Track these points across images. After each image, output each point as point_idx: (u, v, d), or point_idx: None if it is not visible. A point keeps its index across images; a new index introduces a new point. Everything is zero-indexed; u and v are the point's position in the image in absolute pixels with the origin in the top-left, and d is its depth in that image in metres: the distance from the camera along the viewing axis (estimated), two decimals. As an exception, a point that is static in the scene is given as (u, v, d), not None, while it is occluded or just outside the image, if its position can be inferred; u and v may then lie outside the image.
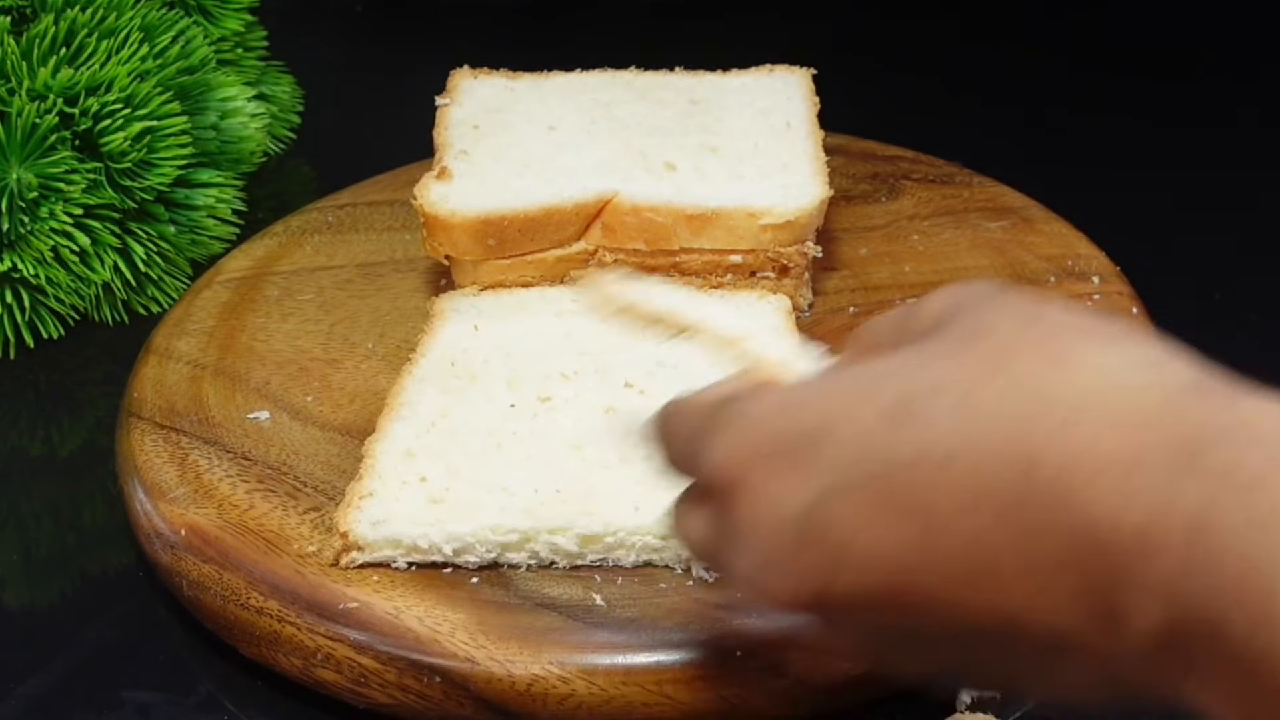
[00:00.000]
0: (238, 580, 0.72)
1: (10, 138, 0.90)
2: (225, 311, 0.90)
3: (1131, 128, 1.12)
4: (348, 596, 0.70)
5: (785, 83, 0.95)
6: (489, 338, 0.83)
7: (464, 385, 0.79)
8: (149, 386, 0.84)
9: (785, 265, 0.85)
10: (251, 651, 0.72)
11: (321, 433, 0.80)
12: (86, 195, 0.92)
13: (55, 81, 0.91)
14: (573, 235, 0.86)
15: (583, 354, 0.81)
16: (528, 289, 0.86)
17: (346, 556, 0.71)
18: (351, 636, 0.68)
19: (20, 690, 0.73)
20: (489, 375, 0.80)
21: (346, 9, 1.32)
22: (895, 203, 0.96)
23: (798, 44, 0.99)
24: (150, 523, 0.76)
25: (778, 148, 0.90)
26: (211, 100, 1.00)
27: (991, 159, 0.99)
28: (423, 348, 0.83)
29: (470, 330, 0.83)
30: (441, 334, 0.83)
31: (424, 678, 0.67)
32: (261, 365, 0.85)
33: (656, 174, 0.87)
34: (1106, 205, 0.99)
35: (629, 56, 0.98)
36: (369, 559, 0.71)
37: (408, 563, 0.71)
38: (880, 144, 1.02)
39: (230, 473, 0.78)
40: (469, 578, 0.70)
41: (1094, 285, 0.87)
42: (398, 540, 0.70)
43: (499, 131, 0.91)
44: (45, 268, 0.92)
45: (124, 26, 0.94)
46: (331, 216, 0.97)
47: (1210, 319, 0.82)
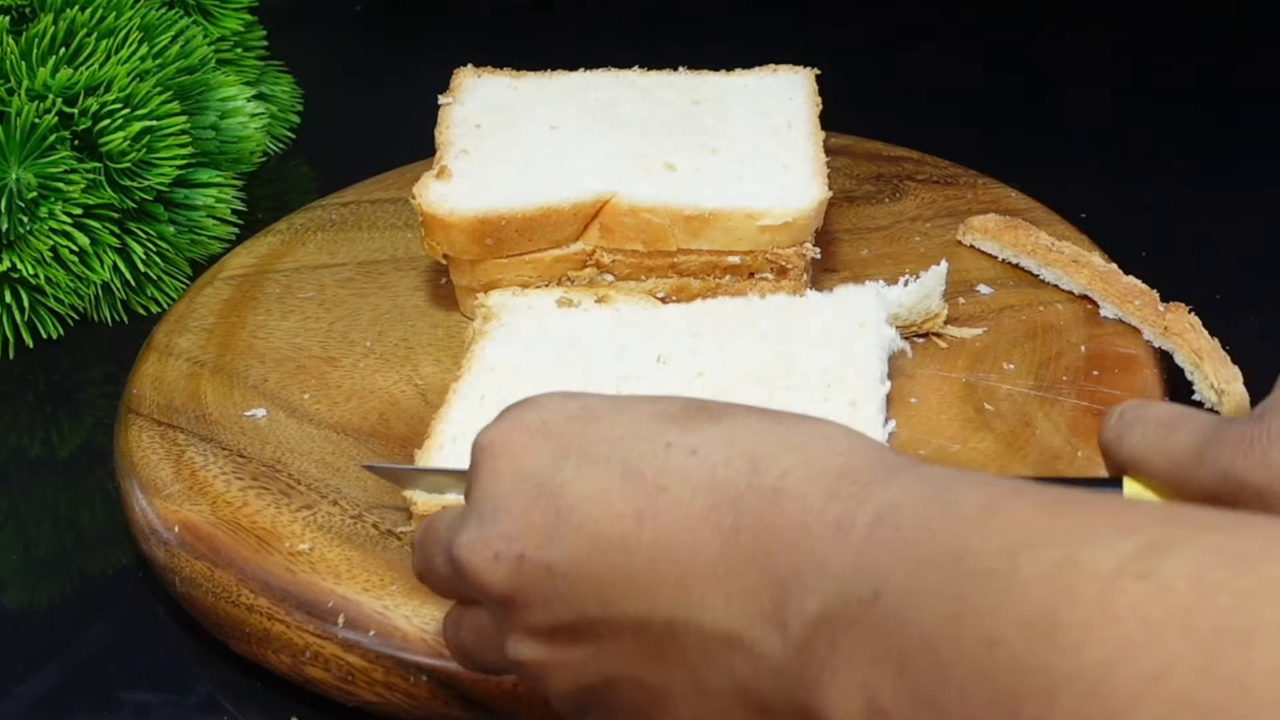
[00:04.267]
0: (229, 577, 0.72)
1: (9, 138, 0.90)
2: (226, 309, 0.90)
3: (1135, 130, 1.12)
4: (337, 595, 0.70)
5: (788, 83, 0.95)
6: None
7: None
8: (148, 383, 0.85)
9: (784, 266, 0.84)
10: (242, 648, 0.72)
11: (317, 430, 0.80)
12: (86, 195, 0.92)
13: (54, 81, 0.91)
14: (570, 236, 0.86)
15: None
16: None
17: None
18: (339, 635, 0.69)
19: (20, 690, 0.73)
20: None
21: (346, 9, 1.32)
22: (898, 204, 0.96)
23: (805, 44, 0.99)
24: (145, 519, 0.76)
25: (778, 148, 0.89)
26: (211, 100, 1.00)
27: (996, 160, 0.99)
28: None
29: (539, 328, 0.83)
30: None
31: (411, 677, 0.67)
32: (260, 363, 0.85)
33: (656, 175, 0.87)
34: (1109, 207, 0.98)
35: (633, 56, 0.98)
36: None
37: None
38: (885, 145, 1.02)
39: (225, 470, 0.78)
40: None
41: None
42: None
43: (501, 131, 0.91)
44: (44, 268, 0.92)
45: (123, 26, 0.94)
46: (335, 214, 0.97)
47: (1211, 319, 0.81)
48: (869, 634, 0.45)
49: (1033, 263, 0.87)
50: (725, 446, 0.51)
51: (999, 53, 1.23)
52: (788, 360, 0.77)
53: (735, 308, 0.82)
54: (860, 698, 0.45)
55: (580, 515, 0.51)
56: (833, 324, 0.79)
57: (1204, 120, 1.12)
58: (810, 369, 0.77)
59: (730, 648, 0.49)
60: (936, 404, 0.79)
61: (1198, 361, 0.79)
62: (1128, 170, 1.08)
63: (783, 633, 0.47)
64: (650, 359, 0.79)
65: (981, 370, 0.81)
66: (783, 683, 0.47)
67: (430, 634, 0.67)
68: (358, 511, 0.75)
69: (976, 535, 0.44)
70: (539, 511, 0.52)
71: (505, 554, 0.53)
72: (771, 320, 0.80)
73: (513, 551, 0.53)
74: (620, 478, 0.51)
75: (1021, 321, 0.84)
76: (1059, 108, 1.16)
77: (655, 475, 0.51)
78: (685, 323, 0.81)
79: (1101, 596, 0.40)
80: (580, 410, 0.55)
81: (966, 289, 0.86)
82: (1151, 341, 0.82)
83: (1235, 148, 1.09)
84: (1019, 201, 0.95)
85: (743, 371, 0.77)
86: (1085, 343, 0.82)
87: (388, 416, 0.81)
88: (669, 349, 0.79)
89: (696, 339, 0.80)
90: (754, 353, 0.78)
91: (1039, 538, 0.43)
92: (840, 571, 0.46)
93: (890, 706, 0.44)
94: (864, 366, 0.76)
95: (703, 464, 0.51)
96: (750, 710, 0.49)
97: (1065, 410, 0.78)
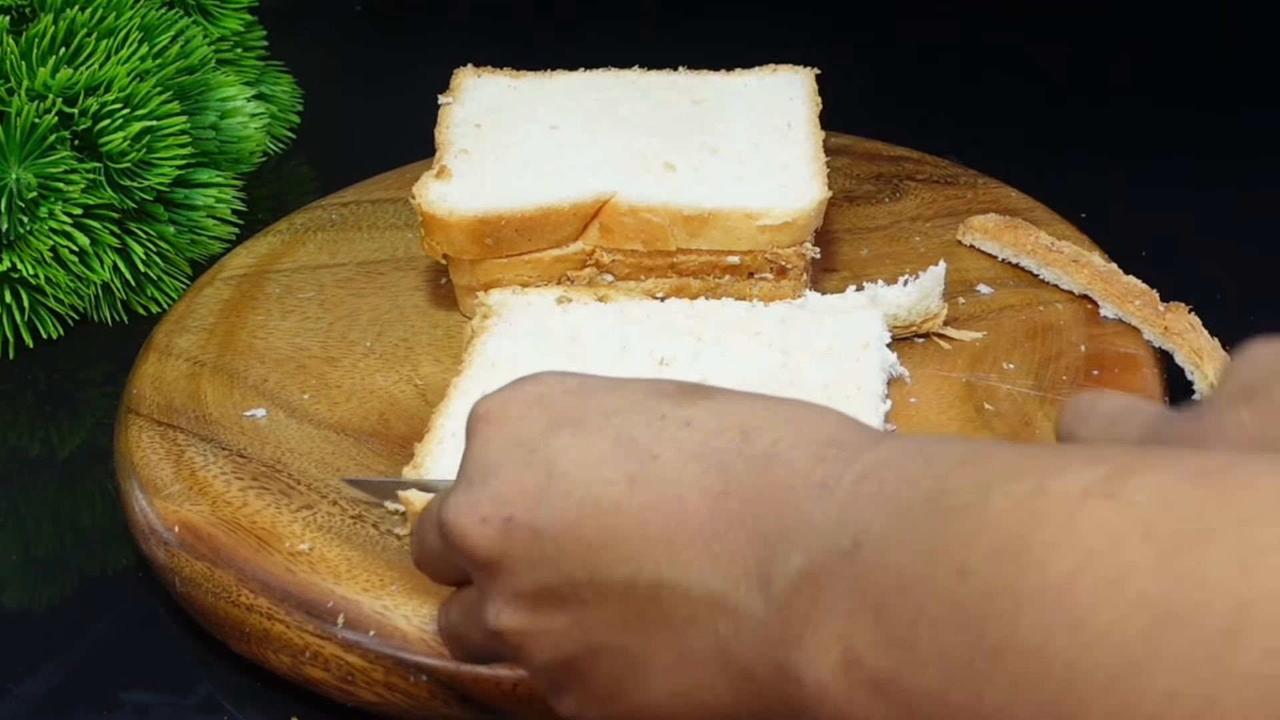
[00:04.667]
0: (228, 577, 0.72)
1: (9, 138, 0.90)
2: (226, 309, 0.90)
3: (1135, 129, 1.12)
4: (336, 595, 0.70)
5: (788, 83, 0.95)
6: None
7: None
8: (148, 383, 0.85)
9: (783, 266, 0.84)
10: (242, 648, 0.72)
11: (317, 430, 0.80)
12: (86, 195, 0.92)
13: (54, 81, 0.91)
14: (570, 236, 0.86)
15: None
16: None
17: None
18: (339, 635, 0.69)
19: (20, 690, 0.73)
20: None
21: (346, 9, 1.32)
22: (898, 203, 0.96)
23: (805, 44, 0.99)
24: (145, 519, 0.76)
25: (778, 148, 0.89)
26: (211, 100, 1.00)
27: (996, 160, 0.99)
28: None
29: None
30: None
31: (411, 676, 0.67)
32: (260, 363, 0.85)
33: (655, 175, 0.87)
34: (1109, 207, 0.98)
35: (633, 56, 0.98)
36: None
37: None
38: (886, 144, 1.02)
39: (225, 470, 0.78)
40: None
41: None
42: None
43: (501, 130, 0.91)
44: (44, 268, 0.92)
45: (123, 26, 0.94)
46: (335, 214, 0.97)
47: (1211, 319, 0.81)
48: (848, 585, 0.45)
49: (1033, 263, 0.87)
50: (719, 419, 0.52)
51: (999, 53, 1.23)
52: (790, 372, 0.78)
53: (738, 311, 0.82)
54: (836, 650, 0.45)
55: (571, 480, 0.52)
56: (837, 341, 0.79)
57: (1204, 120, 1.12)
58: (812, 381, 0.77)
59: (714, 610, 0.49)
60: (936, 404, 0.79)
61: (1198, 361, 0.79)
62: (1128, 170, 1.07)
63: (766, 591, 0.48)
64: (652, 360, 0.79)
65: (981, 370, 0.81)
66: (764, 642, 0.48)
67: (430, 634, 0.67)
68: (358, 511, 0.75)
69: (954, 476, 0.45)
70: (530, 476, 0.53)
71: (493, 517, 0.53)
72: (774, 329, 0.81)
73: (501, 514, 0.53)
74: (613, 445, 0.52)
75: (1021, 321, 0.84)
76: (1059, 108, 1.16)
77: (648, 444, 0.52)
78: (686, 321, 0.81)
79: (1068, 517, 0.41)
80: (578, 385, 0.55)
81: (966, 289, 0.86)
82: (1151, 341, 0.82)
83: (1235, 148, 1.09)
84: (1019, 201, 0.95)
85: (745, 378, 0.77)
86: (1085, 343, 0.82)
87: (388, 416, 0.81)
88: (671, 351, 0.79)
89: (699, 342, 0.80)
90: (755, 360, 0.79)
91: (1013, 472, 0.43)
92: (824, 527, 0.47)
93: (865, 655, 0.44)
94: (865, 383, 0.77)
95: (695, 434, 0.51)
96: (730, 675, 0.49)
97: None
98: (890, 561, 0.44)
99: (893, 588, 0.44)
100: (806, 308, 0.83)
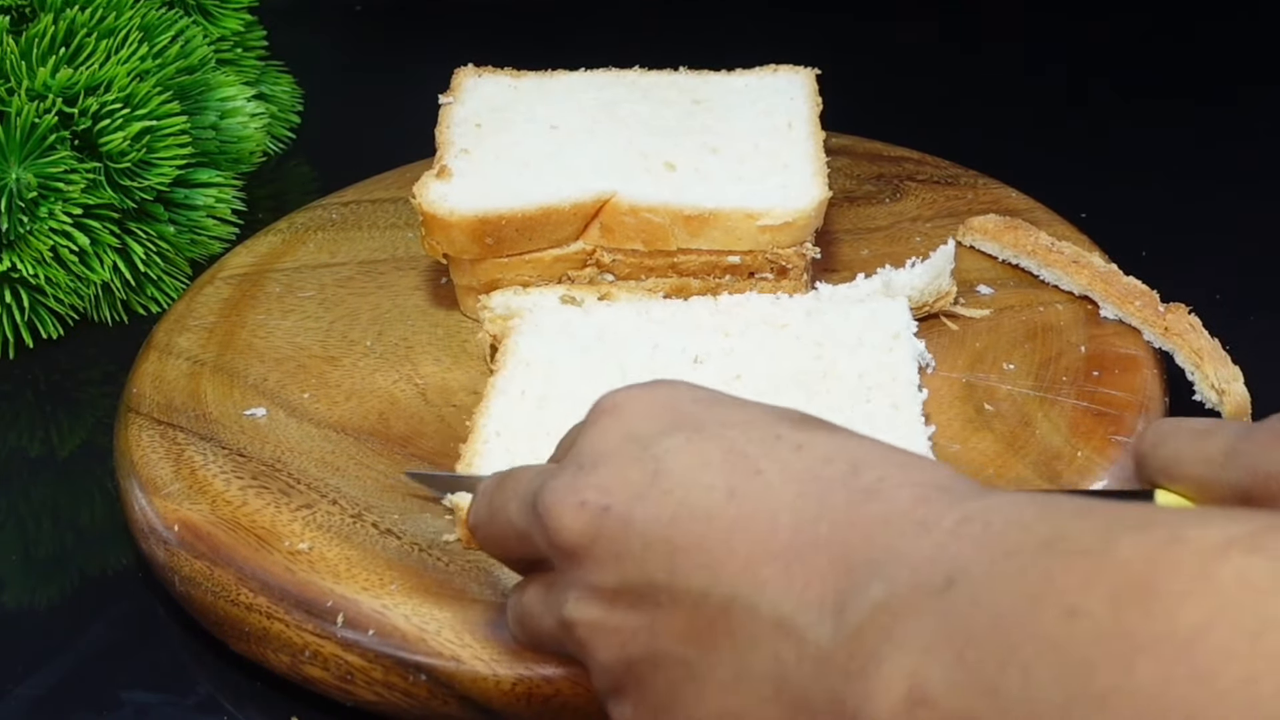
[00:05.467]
0: (228, 576, 0.72)
1: (9, 138, 0.90)
2: (226, 308, 0.90)
3: (1135, 130, 1.12)
4: (336, 594, 0.70)
5: (789, 83, 0.95)
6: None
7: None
8: (148, 382, 0.85)
9: (784, 266, 0.84)
10: (241, 647, 0.72)
11: (317, 430, 0.80)
12: (86, 195, 0.92)
13: (54, 81, 0.91)
14: (570, 235, 0.86)
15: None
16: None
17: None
18: (339, 634, 0.69)
19: (20, 690, 0.73)
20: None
21: (346, 8, 1.32)
22: (899, 204, 0.96)
23: (805, 44, 0.99)
24: (145, 518, 0.76)
25: (778, 148, 0.89)
26: (211, 100, 1.00)
27: (996, 160, 0.99)
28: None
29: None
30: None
31: (410, 676, 0.67)
32: (260, 362, 0.85)
33: (656, 174, 0.87)
34: (1109, 207, 0.98)
35: (633, 56, 0.98)
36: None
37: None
38: (886, 145, 1.02)
39: (225, 469, 0.78)
40: (456, 576, 0.70)
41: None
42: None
43: (501, 130, 0.91)
44: (44, 268, 0.92)
45: (123, 26, 0.94)
46: (336, 213, 0.97)
47: (1211, 319, 0.81)
48: (931, 621, 0.44)
49: (1033, 263, 0.87)
50: (832, 449, 0.52)
51: (999, 53, 1.23)
52: (825, 364, 0.78)
53: (762, 305, 0.82)
54: (903, 686, 0.44)
55: (674, 480, 0.52)
56: (866, 332, 0.80)
57: (1204, 120, 1.12)
58: (847, 373, 0.77)
59: (779, 633, 0.49)
60: (936, 404, 0.79)
61: (1198, 362, 0.79)
62: (1128, 170, 1.07)
63: (837, 619, 0.47)
64: (685, 357, 0.79)
65: (981, 370, 0.81)
66: (825, 672, 0.47)
67: (429, 633, 0.67)
68: (357, 511, 0.75)
69: (1073, 524, 0.44)
70: (637, 470, 0.53)
71: (592, 503, 0.53)
72: (801, 322, 0.81)
73: (600, 502, 0.53)
74: (723, 455, 0.52)
75: (1021, 322, 0.84)
76: (1059, 108, 1.16)
77: (756, 459, 0.52)
78: (712, 318, 0.81)
79: (1205, 567, 0.39)
80: (706, 396, 0.56)
81: (966, 289, 0.86)
82: (1152, 342, 0.82)
83: (1235, 147, 1.09)
84: (1019, 201, 0.95)
85: (780, 373, 0.78)
86: (1085, 343, 0.82)
87: (387, 416, 0.81)
88: (704, 348, 0.79)
89: (727, 337, 0.80)
90: (789, 354, 0.79)
91: (1143, 523, 0.42)
92: (915, 562, 0.46)
93: (939, 695, 0.43)
94: (900, 373, 0.77)
95: (804, 458, 0.52)
96: (783, 703, 0.49)
97: (1065, 410, 0.78)
98: (986, 602, 0.43)
99: (984, 628, 0.43)
100: (823, 298, 0.83)
